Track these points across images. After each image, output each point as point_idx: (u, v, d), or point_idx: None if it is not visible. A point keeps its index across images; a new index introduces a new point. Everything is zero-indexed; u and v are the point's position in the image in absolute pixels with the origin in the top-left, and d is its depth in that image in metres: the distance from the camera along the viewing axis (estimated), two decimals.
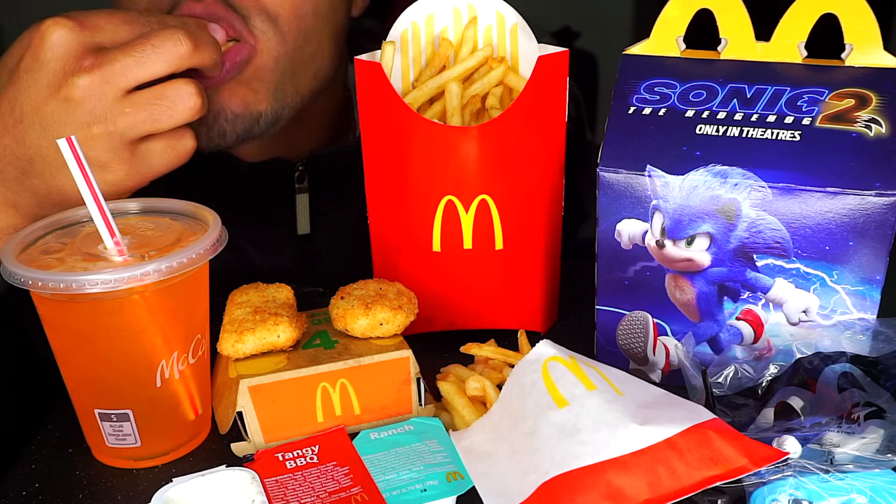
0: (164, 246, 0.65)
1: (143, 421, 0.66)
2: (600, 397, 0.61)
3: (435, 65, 0.81)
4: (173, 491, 0.58)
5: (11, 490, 0.65)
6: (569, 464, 0.57)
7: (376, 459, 0.63)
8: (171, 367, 0.65)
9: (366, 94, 0.76)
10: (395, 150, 0.77)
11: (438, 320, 0.82)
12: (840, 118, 0.66)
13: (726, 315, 0.71)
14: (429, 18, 0.81)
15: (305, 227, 1.04)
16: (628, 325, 0.75)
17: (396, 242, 0.81)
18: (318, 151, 1.02)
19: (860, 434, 0.59)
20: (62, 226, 0.70)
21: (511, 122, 0.75)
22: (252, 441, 0.66)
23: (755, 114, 0.68)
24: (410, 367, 0.69)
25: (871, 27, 0.67)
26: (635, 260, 0.72)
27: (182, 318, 0.66)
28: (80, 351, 0.64)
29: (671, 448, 0.57)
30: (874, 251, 0.65)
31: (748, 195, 0.66)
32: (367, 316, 0.69)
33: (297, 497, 0.60)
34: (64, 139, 0.64)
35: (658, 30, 0.73)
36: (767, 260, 0.68)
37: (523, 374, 0.64)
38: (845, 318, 0.67)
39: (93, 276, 0.60)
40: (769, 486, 0.57)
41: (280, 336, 0.67)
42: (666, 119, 0.70)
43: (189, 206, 0.71)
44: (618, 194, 0.70)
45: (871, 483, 0.56)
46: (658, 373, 0.75)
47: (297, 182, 1.02)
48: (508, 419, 0.64)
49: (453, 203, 0.77)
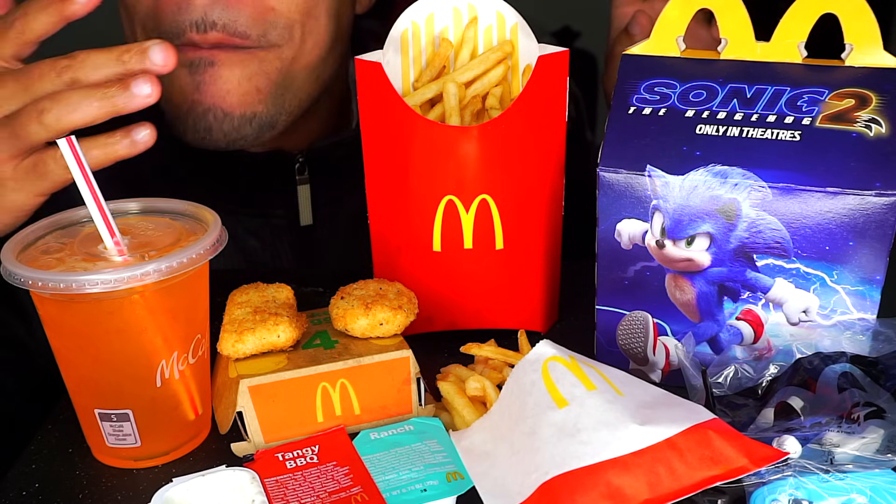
0: (164, 246, 0.65)
1: (143, 421, 0.66)
2: (600, 397, 0.61)
3: (435, 65, 0.81)
4: (173, 491, 0.58)
5: (11, 490, 0.65)
6: (569, 464, 0.57)
7: (376, 459, 0.63)
8: (171, 367, 0.65)
9: (366, 94, 0.76)
10: (395, 149, 0.77)
11: (438, 320, 0.82)
12: (840, 118, 0.66)
13: (726, 315, 0.71)
14: (429, 18, 0.81)
15: (308, 218, 1.03)
16: (628, 325, 0.75)
17: (397, 242, 0.81)
18: (318, 143, 1.02)
19: (860, 434, 0.59)
20: (62, 226, 0.70)
21: (511, 122, 0.75)
22: (252, 441, 0.66)
23: (755, 114, 0.68)
24: (410, 367, 0.69)
25: (871, 27, 0.67)
26: (635, 260, 0.72)
27: (182, 318, 0.66)
28: (80, 351, 0.64)
29: (671, 448, 0.57)
30: (874, 251, 0.65)
31: (748, 195, 0.66)
32: (367, 316, 0.69)
33: (297, 497, 0.60)
34: (64, 139, 0.64)
35: (658, 30, 0.73)
36: (767, 260, 0.68)
37: (523, 374, 0.64)
38: (845, 318, 0.67)
39: (93, 276, 0.60)
40: (769, 486, 0.57)
41: (280, 336, 0.67)
42: (666, 119, 0.70)
43: (189, 206, 0.71)
44: (618, 194, 0.70)
45: (871, 483, 0.56)
46: (658, 373, 0.75)
47: (298, 173, 1.02)
48: (508, 419, 0.64)
49: (454, 203, 0.77)
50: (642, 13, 0.98)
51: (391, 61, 0.81)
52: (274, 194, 1.03)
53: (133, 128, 0.72)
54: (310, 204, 1.03)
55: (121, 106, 0.70)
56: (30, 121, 0.69)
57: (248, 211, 1.02)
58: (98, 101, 0.69)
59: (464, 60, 0.82)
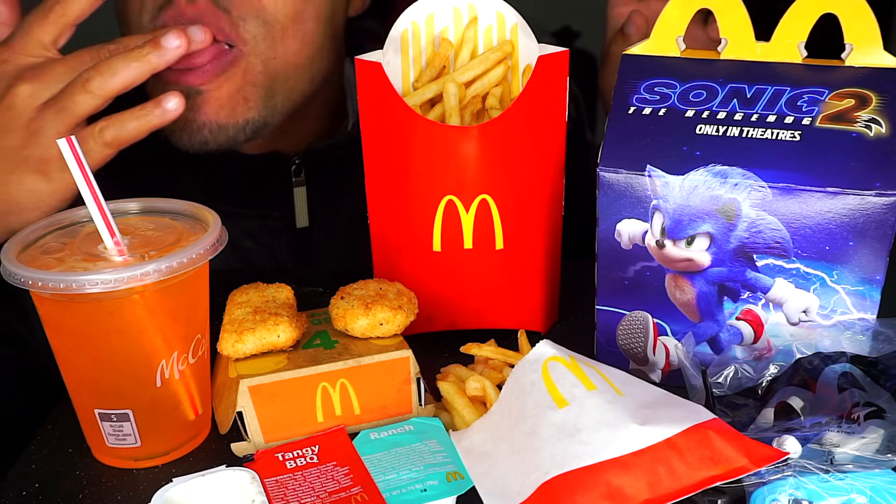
0: (164, 246, 0.65)
1: (143, 421, 0.66)
2: (600, 397, 0.61)
3: (435, 65, 0.81)
4: (173, 491, 0.58)
5: (11, 490, 0.65)
6: (569, 464, 0.57)
7: (376, 459, 0.63)
8: (171, 367, 0.65)
9: (366, 95, 0.76)
10: (395, 149, 0.77)
11: (438, 320, 0.82)
12: (840, 118, 0.66)
13: (726, 315, 0.71)
14: (429, 18, 0.81)
15: (304, 220, 1.04)
16: (628, 325, 0.75)
17: (397, 242, 0.81)
18: (315, 144, 1.02)
19: (860, 434, 0.59)
20: (62, 226, 0.70)
21: (511, 122, 0.75)
22: (252, 441, 0.66)
23: (755, 114, 0.68)
24: (410, 367, 0.69)
25: (871, 27, 0.67)
26: (635, 260, 0.72)
27: (182, 318, 0.66)
28: (80, 351, 0.64)
29: (671, 448, 0.57)
30: (874, 251, 0.65)
31: (748, 195, 0.66)
32: (367, 316, 0.69)
33: (297, 497, 0.60)
34: (64, 139, 0.64)
35: (658, 30, 0.73)
36: (767, 260, 0.68)
37: (523, 374, 0.64)
38: (845, 318, 0.67)
39: (93, 276, 0.60)
40: (769, 486, 0.57)
41: (280, 336, 0.67)
42: (666, 119, 0.70)
43: (189, 206, 0.71)
44: (618, 194, 0.70)
45: (871, 483, 0.56)
46: (658, 373, 0.75)
47: (295, 175, 1.02)
48: (508, 419, 0.64)
49: (454, 203, 0.77)
50: (638, 13, 0.98)
51: (391, 61, 0.81)
52: (270, 196, 1.03)
53: (163, 97, 0.79)
54: (306, 206, 1.03)
55: (155, 63, 0.78)
56: (76, 91, 0.76)
57: (245, 213, 1.03)
58: (135, 61, 0.77)
59: (464, 60, 0.82)
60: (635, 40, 0.98)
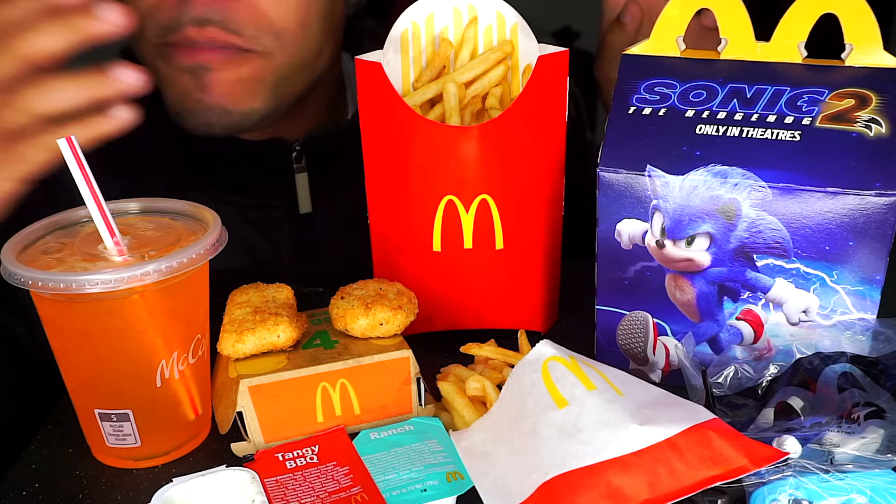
0: (164, 246, 0.65)
1: (143, 421, 0.66)
2: (600, 397, 0.61)
3: (435, 65, 0.81)
4: (173, 491, 0.58)
5: (11, 490, 0.65)
6: (569, 464, 0.57)
7: (376, 459, 0.63)
8: (171, 367, 0.65)
9: (366, 94, 0.76)
10: (395, 149, 0.77)
11: (438, 320, 0.82)
12: (840, 118, 0.66)
13: (726, 315, 0.71)
14: (429, 18, 0.81)
15: (307, 205, 1.05)
16: (628, 325, 0.75)
17: (397, 242, 0.81)
18: (315, 131, 1.03)
19: (860, 434, 0.59)
20: (62, 226, 0.70)
21: (511, 122, 0.75)
22: (252, 441, 0.66)
23: (755, 114, 0.68)
24: (410, 367, 0.69)
25: (871, 27, 0.67)
26: (635, 260, 0.72)
27: (182, 318, 0.66)
28: (80, 351, 0.64)
29: (671, 448, 0.57)
30: (874, 251, 0.65)
31: (748, 195, 0.66)
32: (367, 316, 0.69)
33: (297, 497, 0.60)
34: (64, 139, 0.64)
35: (658, 30, 0.73)
36: (767, 260, 0.68)
37: (523, 374, 0.64)
38: (845, 318, 0.67)
39: (93, 276, 0.60)
40: (769, 486, 0.57)
41: (280, 336, 0.67)
42: (666, 119, 0.70)
43: (189, 206, 0.71)
44: (618, 194, 0.70)
45: (871, 483, 0.56)
46: (658, 373, 0.75)
47: (296, 161, 1.03)
48: (508, 419, 0.64)
49: (454, 203, 0.77)
50: (633, 2, 0.99)
51: (391, 61, 0.81)
52: (272, 185, 1.04)
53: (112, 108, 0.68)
54: (308, 192, 1.04)
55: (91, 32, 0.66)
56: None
57: (247, 201, 1.04)
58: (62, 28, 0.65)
59: (464, 60, 0.82)
60: (631, 29, 0.98)
